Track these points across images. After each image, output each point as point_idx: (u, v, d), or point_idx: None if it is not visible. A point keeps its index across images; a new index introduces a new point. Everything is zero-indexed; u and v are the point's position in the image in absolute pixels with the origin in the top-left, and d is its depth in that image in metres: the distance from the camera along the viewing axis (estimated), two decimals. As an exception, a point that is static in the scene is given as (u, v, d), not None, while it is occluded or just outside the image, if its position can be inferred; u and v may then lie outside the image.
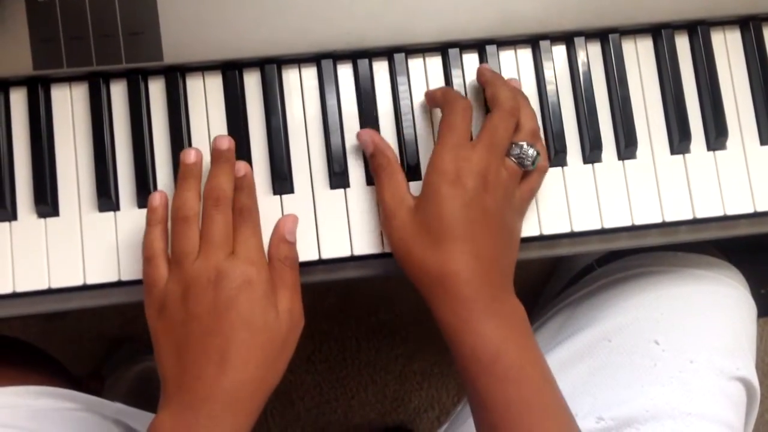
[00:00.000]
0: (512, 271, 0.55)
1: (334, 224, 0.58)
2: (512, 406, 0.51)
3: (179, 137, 0.58)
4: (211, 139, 0.58)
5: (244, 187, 0.55)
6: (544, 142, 0.59)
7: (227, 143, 0.55)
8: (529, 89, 0.61)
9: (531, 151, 0.55)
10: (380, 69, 0.60)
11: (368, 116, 0.59)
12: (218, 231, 0.52)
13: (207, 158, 0.57)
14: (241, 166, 0.55)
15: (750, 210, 0.60)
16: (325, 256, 0.58)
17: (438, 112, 0.59)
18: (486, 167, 0.53)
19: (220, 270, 0.50)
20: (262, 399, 0.51)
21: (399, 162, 0.57)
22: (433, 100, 0.59)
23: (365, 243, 0.58)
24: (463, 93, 0.60)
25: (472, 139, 0.56)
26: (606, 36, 0.61)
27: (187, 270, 0.51)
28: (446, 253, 0.52)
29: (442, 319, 0.52)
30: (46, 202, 0.56)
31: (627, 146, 0.59)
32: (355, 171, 0.59)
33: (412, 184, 0.58)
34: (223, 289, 0.50)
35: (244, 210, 0.54)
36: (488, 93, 0.57)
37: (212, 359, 0.49)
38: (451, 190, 0.52)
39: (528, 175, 0.56)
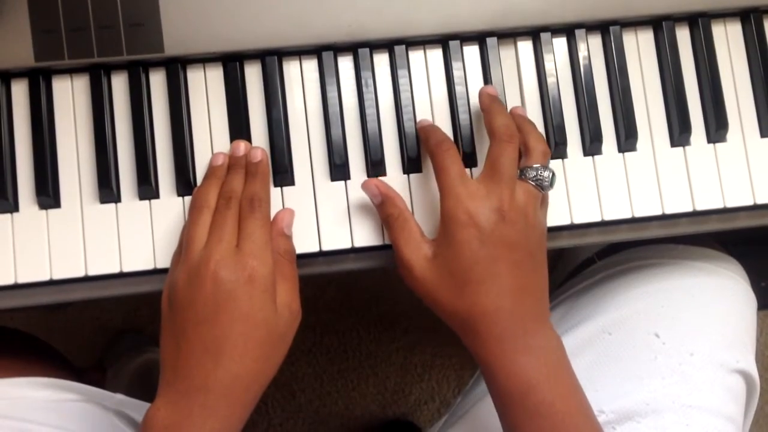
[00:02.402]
0: (546, 296, 0.55)
1: (334, 216, 0.58)
2: None
3: (180, 129, 0.58)
4: (212, 131, 0.59)
5: (257, 173, 0.55)
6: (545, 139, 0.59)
7: (243, 149, 0.56)
8: (530, 81, 0.61)
9: (546, 173, 0.54)
10: (381, 61, 0.60)
11: (368, 109, 0.59)
12: (225, 226, 0.52)
13: (207, 158, 0.58)
14: (259, 152, 0.56)
15: (750, 202, 0.60)
16: (326, 248, 0.58)
17: (439, 110, 0.60)
18: (498, 200, 0.52)
19: (220, 263, 0.50)
20: (257, 391, 0.52)
21: (409, 209, 0.57)
22: (422, 131, 0.58)
23: (366, 235, 0.58)
24: (463, 85, 0.60)
25: None
26: (607, 28, 0.61)
27: (193, 258, 0.52)
28: (471, 296, 0.52)
29: (477, 356, 0.53)
30: (48, 194, 0.56)
31: (627, 138, 0.60)
32: (356, 163, 0.59)
33: (413, 178, 0.58)
34: (223, 282, 0.50)
35: (254, 199, 0.54)
36: (485, 122, 0.57)
37: (209, 350, 0.50)
38: (466, 233, 0.52)
39: (544, 198, 0.56)
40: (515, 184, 0.53)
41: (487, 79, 0.60)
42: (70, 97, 0.58)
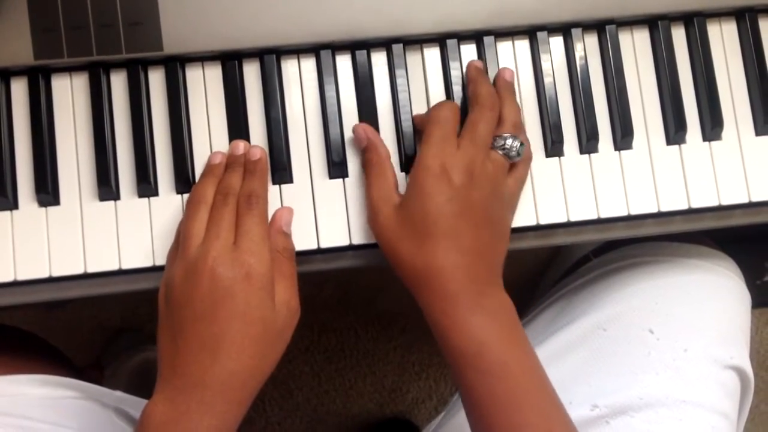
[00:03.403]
0: (500, 264, 0.55)
1: (332, 214, 0.58)
2: (496, 401, 0.51)
3: (179, 127, 0.58)
4: (211, 129, 0.59)
5: (256, 171, 0.56)
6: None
7: (242, 148, 0.57)
8: (527, 80, 0.61)
9: (514, 143, 0.55)
10: (379, 60, 0.61)
11: (367, 107, 0.59)
12: (223, 222, 0.52)
13: (206, 156, 0.58)
14: (258, 150, 0.57)
15: (745, 200, 0.60)
16: (324, 245, 0.58)
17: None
18: (471, 162, 0.53)
19: (218, 260, 0.51)
20: (254, 388, 0.52)
21: (390, 159, 0.58)
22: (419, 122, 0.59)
23: (363, 232, 0.58)
24: (460, 84, 0.60)
25: None
26: (603, 27, 0.61)
27: (190, 254, 0.52)
28: (431, 249, 0.52)
29: (429, 315, 0.53)
30: (47, 191, 0.57)
31: (623, 137, 0.60)
32: (354, 161, 0.59)
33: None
34: (220, 279, 0.50)
35: (252, 196, 0.54)
36: (469, 90, 0.58)
37: (206, 346, 0.50)
38: (436, 186, 0.52)
39: (514, 167, 0.57)
40: (487, 150, 0.55)
41: (484, 77, 0.61)
42: (69, 96, 0.59)
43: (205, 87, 0.59)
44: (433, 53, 0.61)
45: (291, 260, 0.55)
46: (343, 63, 0.60)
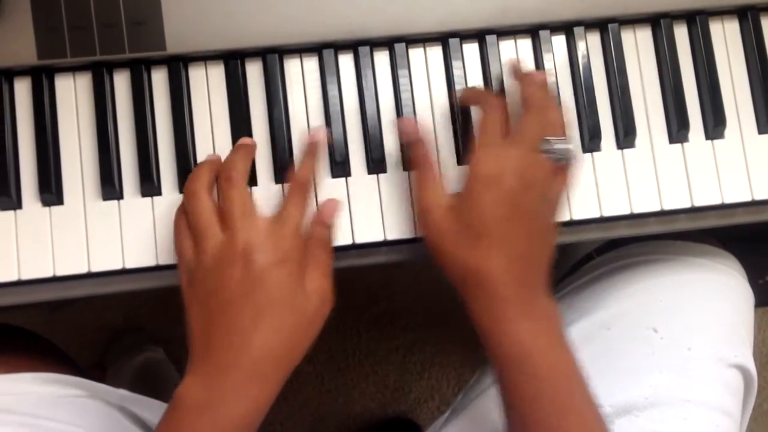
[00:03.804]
0: (547, 270, 0.55)
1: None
2: (540, 403, 0.52)
3: (182, 127, 0.58)
4: (214, 129, 0.59)
5: (308, 153, 0.56)
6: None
7: (249, 140, 0.57)
8: (529, 79, 0.61)
9: (562, 146, 0.55)
10: (381, 59, 0.61)
11: (369, 107, 0.60)
12: (237, 205, 0.52)
13: (204, 152, 0.58)
14: (320, 133, 0.57)
15: (748, 198, 0.60)
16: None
17: (438, 105, 0.60)
18: (523, 166, 0.53)
19: (250, 243, 0.51)
20: (283, 375, 0.52)
21: (435, 155, 0.58)
22: (466, 101, 0.60)
23: (365, 230, 0.58)
24: (463, 83, 0.60)
25: None
26: (605, 26, 0.61)
27: (213, 242, 0.52)
28: (483, 254, 0.52)
29: (477, 317, 0.53)
30: (51, 191, 0.57)
31: (626, 135, 0.60)
32: (356, 160, 0.59)
33: (413, 176, 0.59)
34: (254, 262, 0.51)
35: (302, 185, 0.55)
36: (521, 90, 0.58)
37: (239, 329, 0.50)
38: (489, 191, 0.52)
39: (560, 171, 0.56)
40: (537, 153, 0.54)
41: (486, 76, 0.61)
42: (72, 95, 0.59)
43: (208, 86, 0.60)
44: (435, 52, 0.61)
45: (327, 251, 0.55)
46: (346, 62, 0.60)
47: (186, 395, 0.50)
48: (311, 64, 0.60)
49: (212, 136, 0.59)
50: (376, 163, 0.59)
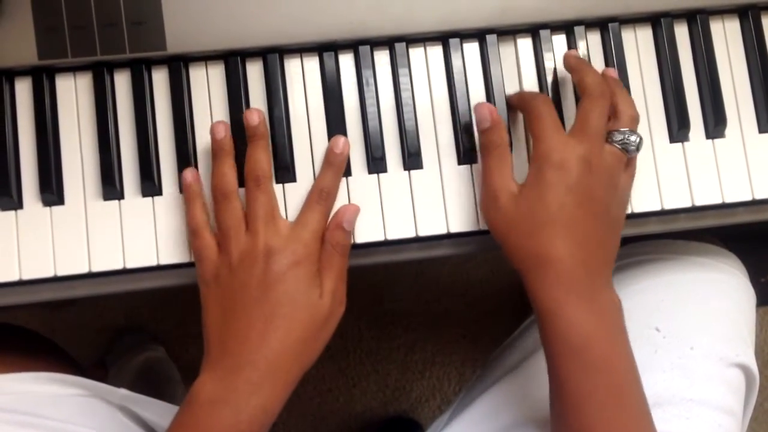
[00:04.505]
0: (613, 260, 0.55)
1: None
2: (595, 395, 0.51)
3: (182, 126, 0.58)
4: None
5: (334, 164, 0.57)
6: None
7: (257, 117, 0.57)
8: (529, 78, 0.61)
9: (634, 138, 0.55)
10: (381, 59, 0.61)
11: (369, 106, 0.59)
12: (262, 209, 0.54)
13: (209, 156, 0.58)
14: (341, 142, 0.58)
15: (748, 197, 0.60)
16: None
17: (438, 104, 0.60)
18: (588, 152, 0.53)
19: (270, 246, 0.53)
20: (297, 374, 0.54)
21: (509, 143, 0.57)
22: (512, 105, 0.60)
23: (366, 229, 0.58)
24: (463, 81, 0.60)
25: None
26: (606, 25, 0.61)
27: (238, 244, 0.54)
28: (549, 238, 0.52)
29: (538, 300, 0.52)
30: (52, 191, 0.57)
31: (626, 134, 0.60)
32: (357, 160, 0.59)
33: (414, 175, 0.59)
34: (273, 264, 0.53)
35: (323, 191, 0.56)
36: (575, 79, 0.58)
37: (256, 327, 0.52)
38: (556, 176, 0.52)
39: (629, 162, 0.56)
40: (603, 141, 0.54)
41: (487, 76, 0.61)
42: (73, 95, 0.59)
43: (208, 86, 0.60)
44: (435, 52, 0.61)
45: (343, 256, 0.56)
46: (346, 62, 0.60)
47: (201, 391, 0.52)
48: (312, 63, 0.60)
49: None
50: (376, 162, 0.59)
